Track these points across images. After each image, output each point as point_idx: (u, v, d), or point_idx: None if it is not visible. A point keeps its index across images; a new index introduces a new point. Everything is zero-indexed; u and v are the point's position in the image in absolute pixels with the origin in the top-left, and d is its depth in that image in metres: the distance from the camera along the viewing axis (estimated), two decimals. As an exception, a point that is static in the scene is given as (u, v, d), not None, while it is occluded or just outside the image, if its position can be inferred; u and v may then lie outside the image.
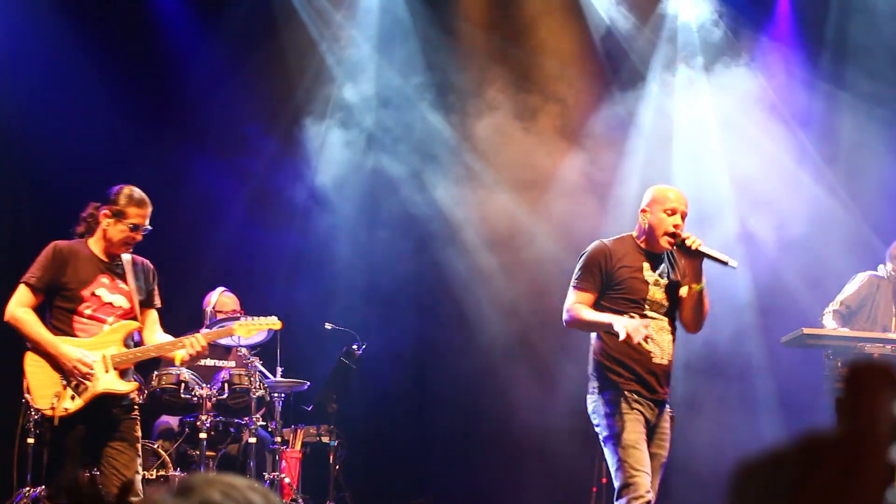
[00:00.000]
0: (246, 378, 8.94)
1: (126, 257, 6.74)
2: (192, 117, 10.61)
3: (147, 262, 6.91)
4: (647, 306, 6.21)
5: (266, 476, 8.90)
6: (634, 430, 6.06)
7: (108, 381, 6.51)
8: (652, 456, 6.16)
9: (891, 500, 1.14)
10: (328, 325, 10.02)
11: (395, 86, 11.13)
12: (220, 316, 9.02)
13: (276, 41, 11.03)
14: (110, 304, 6.64)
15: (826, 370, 8.86)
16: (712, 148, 10.75)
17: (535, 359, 10.77)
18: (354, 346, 9.94)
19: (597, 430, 6.27)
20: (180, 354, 6.70)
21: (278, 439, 9.15)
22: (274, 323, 7.33)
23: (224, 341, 9.03)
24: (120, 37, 10.45)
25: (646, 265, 6.26)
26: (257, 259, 10.69)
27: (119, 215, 6.58)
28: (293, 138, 11.05)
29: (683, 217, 6.26)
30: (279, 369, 9.29)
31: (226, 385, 8.89)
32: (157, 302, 6.93)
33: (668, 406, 6.37)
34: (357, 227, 10.91)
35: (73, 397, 6.43)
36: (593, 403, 6.25)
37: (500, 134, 10.94)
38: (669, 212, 6.21)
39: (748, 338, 10.24)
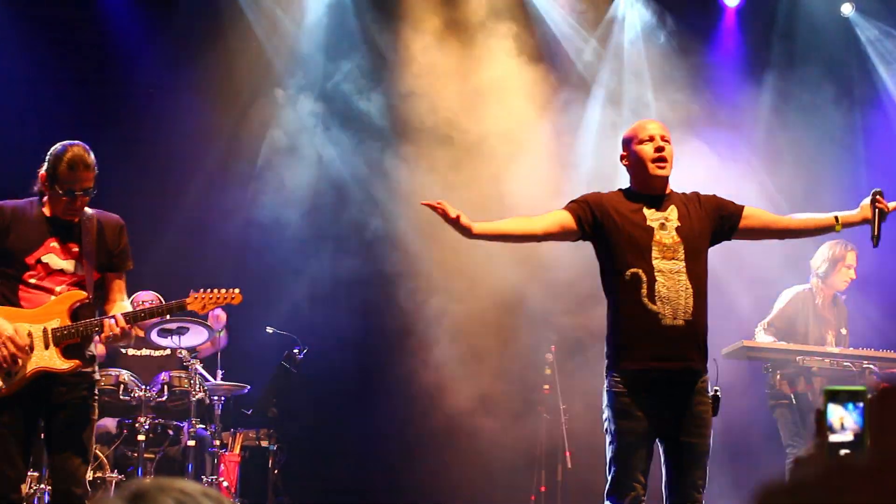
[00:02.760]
0: (186, 380, 8.89)
1: (89, 213, 6.07)
2: (136, 118, 10.53)
3: (116, 218, 6.23)
4: (654, 254, 5.51)
5: (204, 479, 8.83)
6: (631, 429, 5.44)
7: (44, 359, 5.85)
8: (683, 447, 5.47)
9: None
10: (269, 329, 9.99)
11: (342, 91, 11.10)
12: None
13: (223, 44, 10.96)
14: (61, 270, 5.94)
15: (766, 384, 8.93)
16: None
17: (478, 363, 10.76)
18: (295, 350, 9.91)
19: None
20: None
21: (217, 442, 9.10)
22: (234, 296, 6.41)
23: (165, 342, 8.98)
24: (65, 35, 10.38)
25: (646, 210, 5.63)
26: (198, 263, 10.62)
27: (52, 179, 5.90)
28: (236, 141, 10.99)
29: (665, 140, 5.71)
30: (220, 372, 9.26)
31: (165, 387, 8.84)
32: (128, 264, 6.24)
33: (703, 380, 5.57)
34: (299, 230, 10.86)
35: (4, 378, 5.80)
36: (604, 386, 5.61)
37: (444, 140, 10.95)
38: (647, 139, 5.66)
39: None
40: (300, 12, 11.21)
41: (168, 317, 8.32)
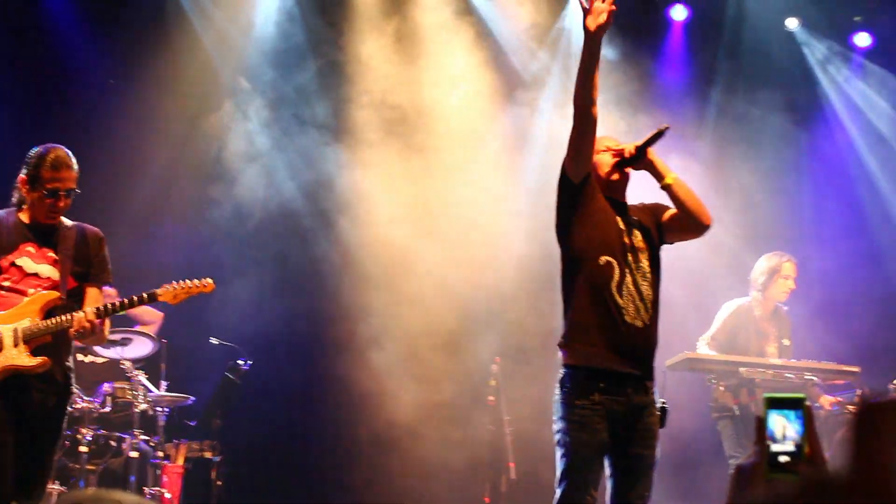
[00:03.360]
0: (129, 392, 8.82)
1: (67, 223, 6.13)
2: (82, 125, 10.44)
3: (96, 231, 6.29)
4: (628, 252, 5.53)
5: (147, 491, 8.76)
6: (587, 442, 5.36)
7: (11, 357, 5.83)
8: (632, 459, 5.46)
9: None
10: (214, 340, 9.93)
11: (290, 98, 11.07)
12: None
13: (169, 52, 10.90)
14: (35, 274, 5.98)
15: (710, 396, 8.98)
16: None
17: (423, 373, 10.75)
18: (240, 362, 9.86)
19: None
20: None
21: (160, 454, 9.03)
22: (206, 285, 6.40)
23: (109, 353, 8.90)
24: (8, 39, 10.30)
25: (616, 215, 5.61)
26: (143, 271, 10.53)
27: (34, 181, 5.98)
28: (185, 148, 10.92)
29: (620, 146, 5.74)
30: (163, 383, 9.19)
31: (108, 398, 8.76)
32: (105, 277, 6.29)
33: (653, 392, 5.56)
34: (245, 241, 10.80)
35: None
36: (556, 389, 5.51)
37: (394, 145, 10.96)
38: (603, 149, 5.71)
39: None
40: (248, 21, 11.16)
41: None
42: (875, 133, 11.59)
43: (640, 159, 5.70)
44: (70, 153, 6.09)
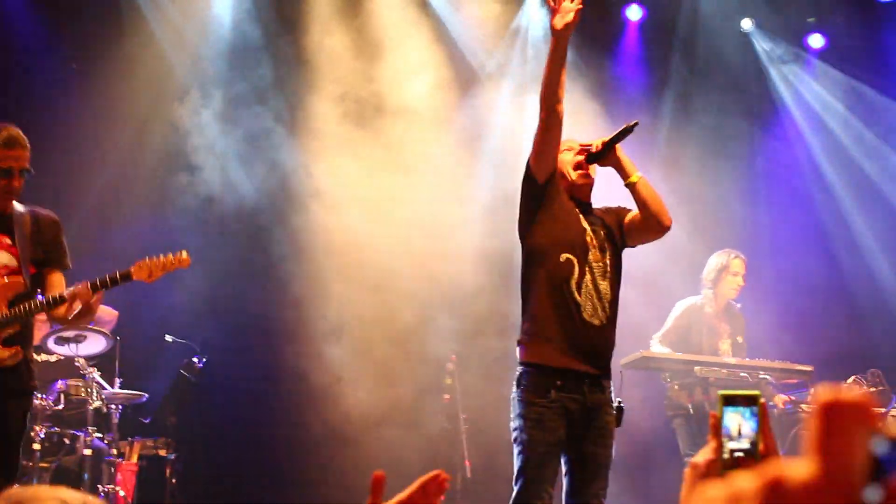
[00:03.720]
0: (83, 389, 8.76)
1: (19, 209, 5.90)
2: (38, 113, 10.36)
3: (51, 215, 6.08)
4: (589, 250, 5.57)
5: (101, 488, 8.71)
6: (544, 439, 5.40)
7: None
8: (588, 457, 5.50)
9: None
10: (168, 338, 9.88)
11: (246, 103, 11.01)
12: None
13: (123, 50, 10.83)
14: None
15: (665, 395, 9.02)
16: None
17: (377, 367, 10.74)
18: (195, 359, 9.82)
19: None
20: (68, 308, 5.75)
21: (114, 451, 8.97)
22: (182, 259, 6.18)
23: (63, 350, 8.83)
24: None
25: (580, 214, 5.68)
26: (98, 268, 10.46)
27: None
28: (139, 144, 10.86)
29: (583, 146, 5.80)
30: (117, 380, 9.12)
31: (62, 395, 8.70)
32: (65, 262, 6.06)
33: (609, 391, 5.61)
34: (200, 235, 10.74)
35: None
36: (513, 386, 5.56)
37: (348, 154, 10.94)
38: (566, 149, 5.77)
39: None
40: (203, 18, 11.10)
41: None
42: (829, 133, 11.69)
43: (606, 155, 5.73)
44: (22, 132, 5.89)
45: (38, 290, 5.94)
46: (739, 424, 1.83)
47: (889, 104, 11.48)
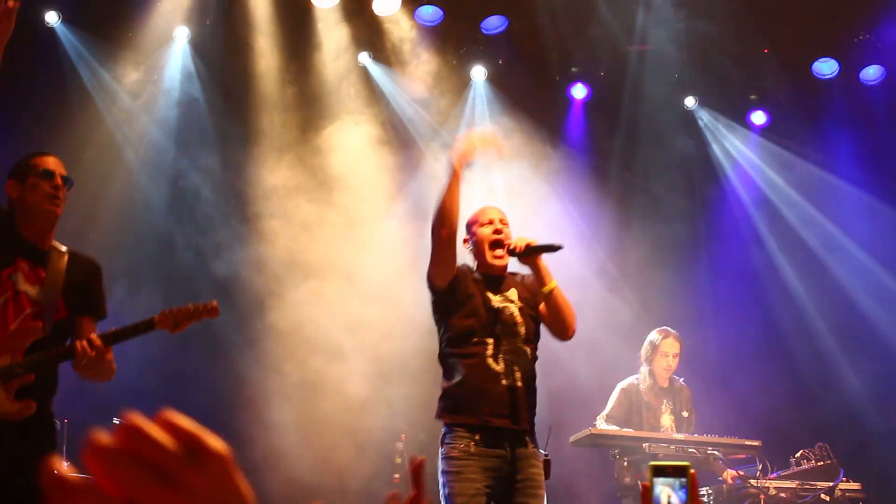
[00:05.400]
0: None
1: (61, 247, 5.39)
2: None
3: (90, 258, 5.58)
4: (499, 329, 5.79)
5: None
6: (463, 491, 5.56)
7: None
8: None
9: None
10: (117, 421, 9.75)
11: (193, 181, 10.98)
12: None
13: (71, 127, 10.80)
14: (24, 293, 5.16)
15: (615, 470, 8.99)
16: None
17: (322, 439, 10.65)
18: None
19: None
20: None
21: None
22: (211, 308, 5.42)
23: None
24: None
25: (489, 293, 5.88)
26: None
27: (23, 174, 5.30)
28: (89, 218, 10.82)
29: (504, 223, 6.03)
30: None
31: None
32: (101, 310, 5.52)
33: (534, 445, 5.85)
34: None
35: None
36: (439, 446, 5.80)
37: (295, 222, 10.94)
38: (487, 222, 5.99)
39: (541, 434, 10.32)
40: (151, 101, 11.08)
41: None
42: (772, 208, 11.81)
43: (526, 259, 5.91)
44: None
45: (69, 338, 5.37)
46: (669, 496, 1.85)
47: (827, 178, 11.63)
